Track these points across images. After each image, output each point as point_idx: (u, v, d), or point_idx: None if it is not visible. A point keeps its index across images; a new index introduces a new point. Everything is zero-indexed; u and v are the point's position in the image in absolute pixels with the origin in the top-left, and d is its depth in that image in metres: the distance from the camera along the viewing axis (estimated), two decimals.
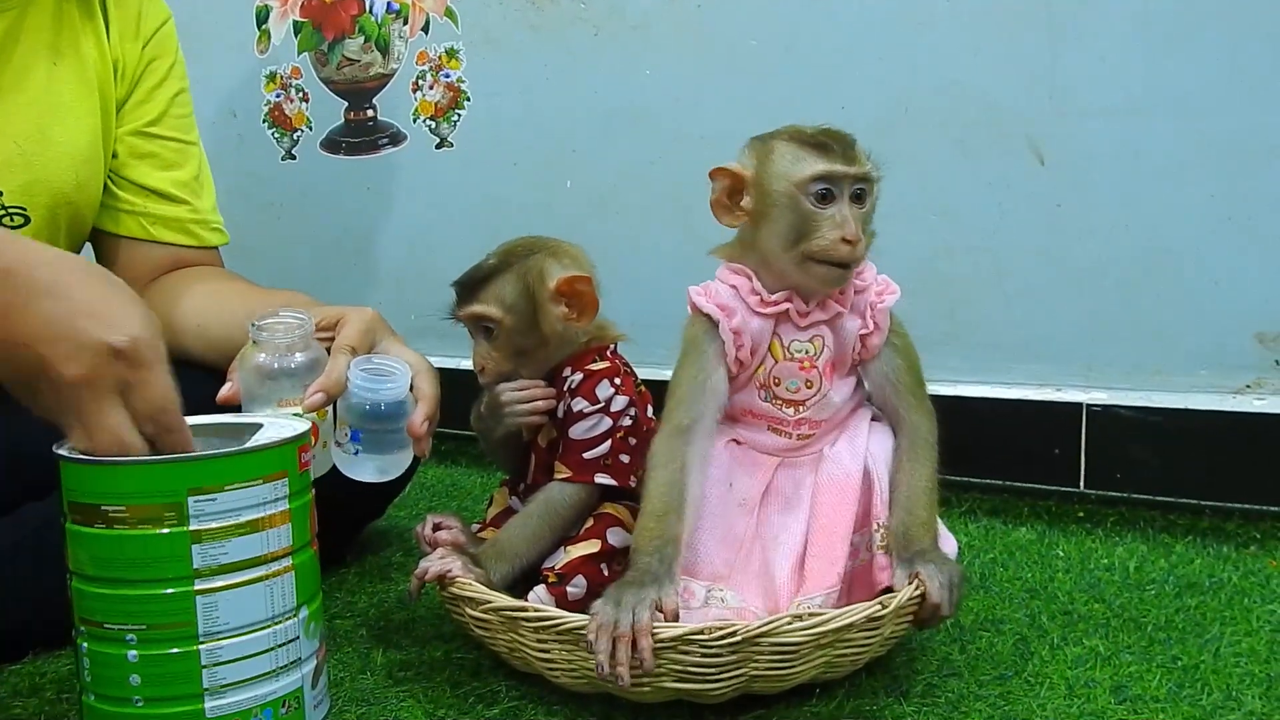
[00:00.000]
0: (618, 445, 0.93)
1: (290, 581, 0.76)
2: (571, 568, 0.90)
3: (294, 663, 0.77)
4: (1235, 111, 1.17)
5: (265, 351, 0.89)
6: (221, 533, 0.72)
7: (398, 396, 0.90)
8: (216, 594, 0.72)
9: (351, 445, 0.89)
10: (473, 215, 1.64)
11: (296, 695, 0.77)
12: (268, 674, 0.75)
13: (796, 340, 0.88)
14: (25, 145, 1.04)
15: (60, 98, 1.07)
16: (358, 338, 0.93)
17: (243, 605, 0.73)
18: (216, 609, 0.72)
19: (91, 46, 1.10)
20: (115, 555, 0.72)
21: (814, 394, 0.89)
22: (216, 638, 0.72)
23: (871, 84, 1.36)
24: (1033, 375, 1.30)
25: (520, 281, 0.92)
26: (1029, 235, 1.28)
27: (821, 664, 0.80)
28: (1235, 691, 0.83)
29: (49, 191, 1.06)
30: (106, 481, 0.72)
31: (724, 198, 0.89)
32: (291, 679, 0.76)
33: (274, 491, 0.75)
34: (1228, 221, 1.19)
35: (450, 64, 1.64)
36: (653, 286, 1.51)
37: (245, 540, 0.73)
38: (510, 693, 0.86)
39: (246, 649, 0.74)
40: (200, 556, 0.72)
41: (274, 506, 0.75)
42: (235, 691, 0.73)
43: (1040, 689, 0.85)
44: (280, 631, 0.75)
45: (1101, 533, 1.23)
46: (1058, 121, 1.25)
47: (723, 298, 0.89)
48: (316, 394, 0.87)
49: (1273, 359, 1.19)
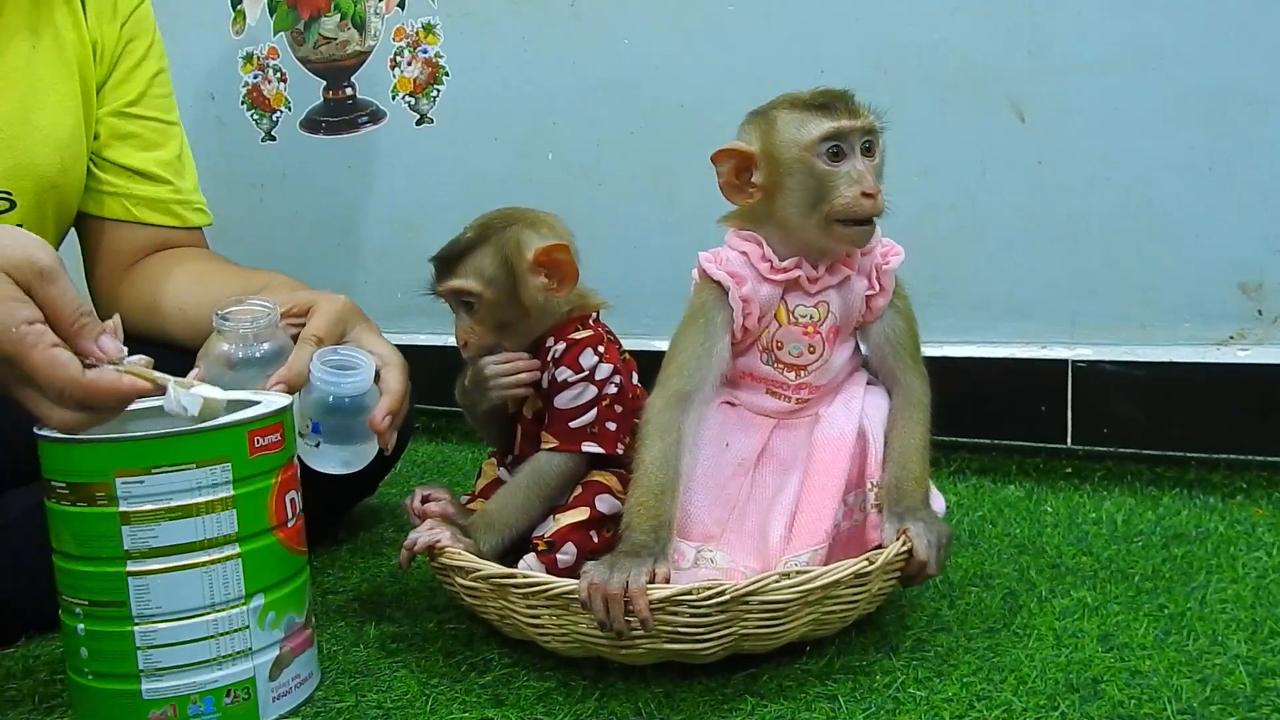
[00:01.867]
0: (603, 413, 0.93)
1: (236, 569, 0.74)
2: (561, 535, 0.90)
3: (242, 652, 0.75)
4: (1212, 62, 1.17)
5: (228, 341, 0.88)
6: (151, 516, 0.71)
7: (360, 389, 0.89)
8: (148, 577, 0.72)
9: (313, 437, 0.89)
10: (455, 190, 1.63)
11: (246, 685, 0.76)
12: (209, 661, 0.74)
13: (802, 305, 0.89)
14: (7, 129, 1.03)
15: (40, 81, 1.06)
16: (326, 327, 0.92)
17: (177, 590, 0.73)
18: (149, 591, 0.72)
19: (70, 29, 1.09)
20: (62, 530, 0.73)
21: (816, 359, 0.89)
22: (150, 620, 0.72)
23: (850, 46, 1.35)
24: (1018, 333, 1.31)
25: (498, 254, 0.92)
26: (1011, 193, 1.28)
27: (810, 621, 0.80)
28: (1221, 636, 0.84)
29: (34, 176, 1.05)
30: (52, 459, 0.73)
31: (733, 178, 0.89)
32: (240, 668, 0.75)
33: (211, 477, 0.73)
34: (1208, 172, 1.19)
35: (428, 39, 1.63)
36: (636, 256, 1.52)
37: (177, 525, 0.72)
38: (502, 660, 0.86)
39: (182, 634, 0.73)
40: (130, 538, 0.71)
41: (212, 492, 0.73)
42: (172, 676, 0.73)
43: (1029, 640, 0.85)
44: (224, 620, 0.74)
45: (1089, 487, 1.24)
46: (1037, 78, 1.25)
47: (733, 265, 0.88)
48: (276, 385, 0.86)
49: (1255, 308, 1.19)
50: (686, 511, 0.87)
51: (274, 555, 0.77)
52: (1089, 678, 0.79)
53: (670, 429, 0.86)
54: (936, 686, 0.79)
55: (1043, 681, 0.78)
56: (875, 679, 0.80)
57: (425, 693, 0.81)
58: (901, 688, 0.79)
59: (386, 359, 0.94)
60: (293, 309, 0.94)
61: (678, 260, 1.35)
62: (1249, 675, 0.78)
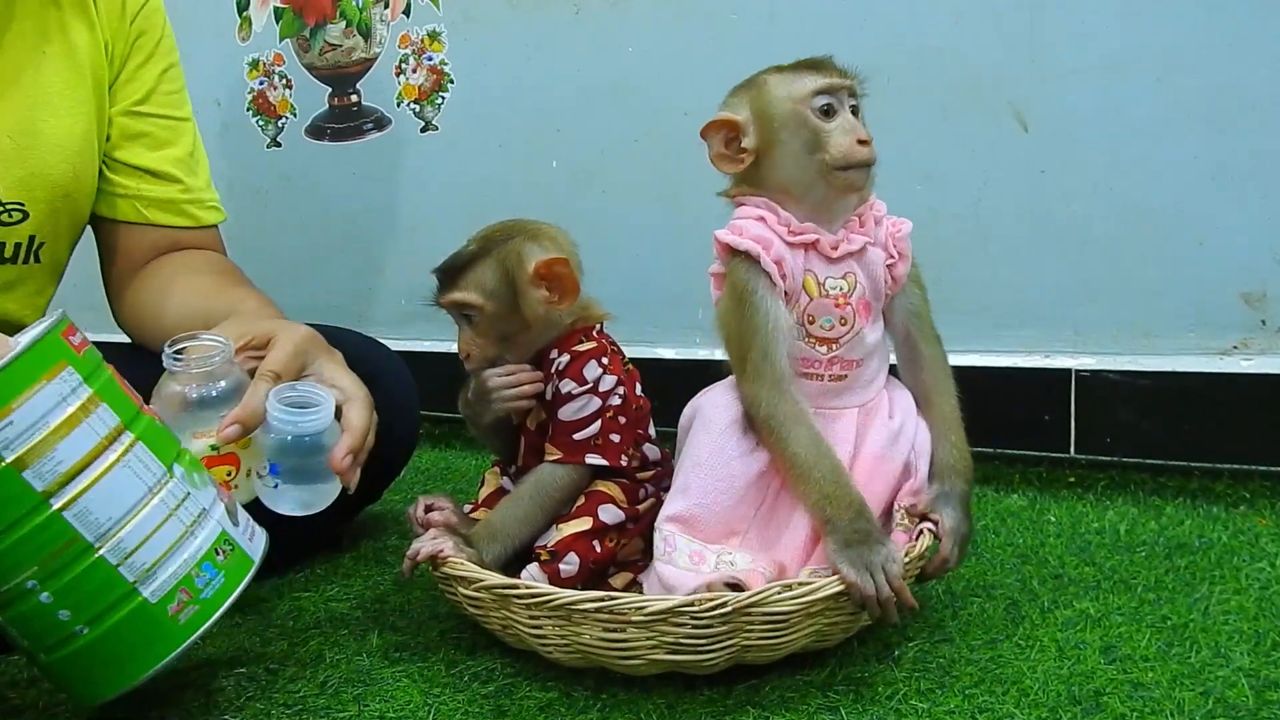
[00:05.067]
0: (607, 425, 0.93)
1: (144, 451, 0.74)
2: (564, 545, 0.90)
3: (201, 514, 0.76)
4: (1215, 70, 1.17)
5: (179, 381, 0.85)
6: (43, 446, 0.69)
7: (318, 428, 0.84)
8: (79, 499, 0.70)
9: (270, 479, 0.85)
10: (460, 197, 1.64)
11: (224, 539, 0.77)
12: (182, 536, 0.74)
13: (831, 277, 0.89)
14: (18, 140, 1.03)
15: (50, 89, 1.06)
16: (283, 362, 0.88)
17: (113, 494, 0.72)
18: (91, 513, 0.71)
19: (82, 30, 1.08)
20: None
21: (847, 331, 0.90)
22: (110, 535, 0.71)
23: (853, 53, 1.33)
24: (1021, 341, 1.31)
25: (500, 267, 0.92)
26: (1013, 200, 1.28)
27: (812, 633, 0.80)
28: (1224, 648, 0.84)
29: (46, 185, 1.05)
30: None
31: (723, 148, 0.90)
32: (209, 528, 0.76)
33: (68, 383, 0.71)
34: (1211, 181, 1.19)
35: (433, 46, 1.63)
36: (641, 263, 1.52)
37: (70, 440, 0.70)
38: (505, 670, 0.86)
39: (146, 528, 0.73)
40: (37, 478, 0.69)
41: (77, 396, 0.72)
42: (162, 567, 0.73)
43: (1031, 651, 0.86)
44: (168, 497, 0.74)
45: (1092, 497, 1.24)
46: (1039, 85, 1.25)
47: (755, 230, 0.88)
48: (231, 426, 0.83)
49: (1258, 318, 1.19)
50: (709, 509, 0.86)
51: (156, 430, 0.77)
52: (1091, 690, 0.79)
53: (803, 413, 0.86)
54: (938, 698, 0.79)
55: (1045, 694, 0.79)
56: (877, 690, 0.80)
57: (428, 702, 0.82)
58: (904, 699, 0.79)
59: (349, 393, 0.89)
60: (251, 341, 0.91)
61: (682, 267, 1.36)
62: (1251, 688, 0.78)
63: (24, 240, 1.06)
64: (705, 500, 0.87)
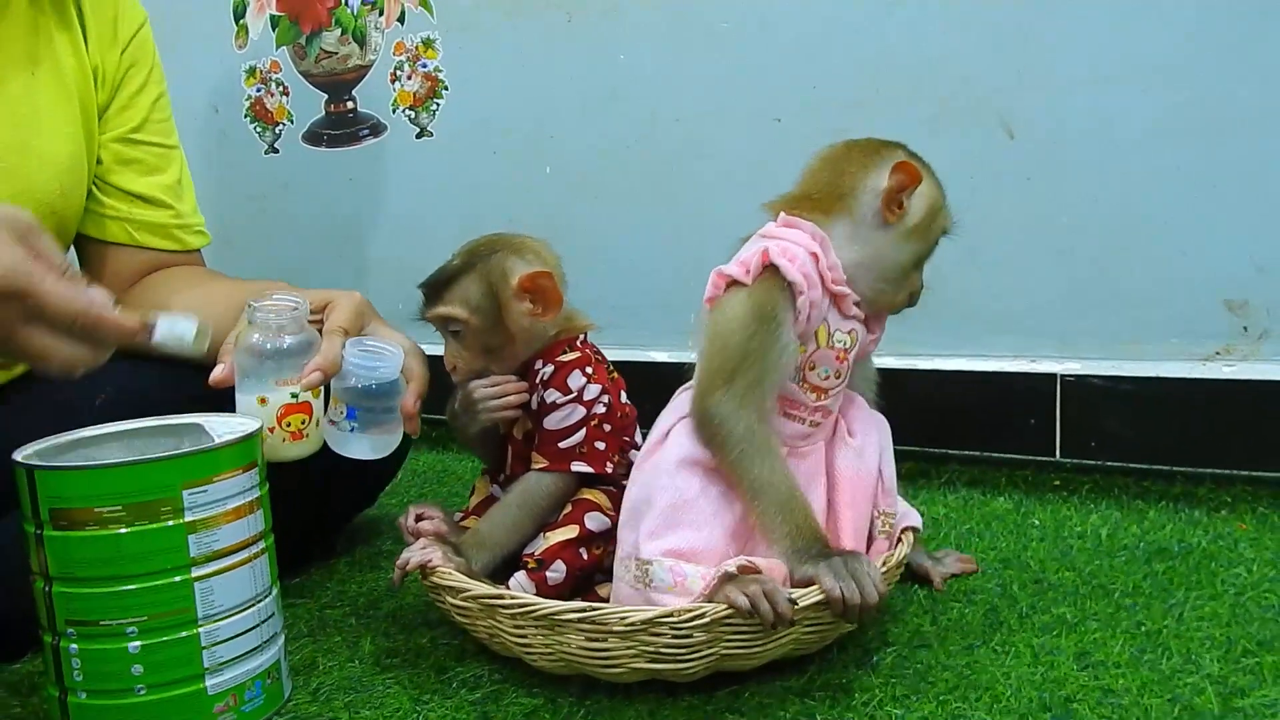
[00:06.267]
0: (592, 433, 0.95)
1: (265, 563, 0.84)
2: (551, 553, 0.92)
3: (273, 637, 0.84)
4: (1201, 82, 1.18)
5: (260, 332, 0.91)
6: (213, 521, 0.78)
7: (392, 375, 0.92)
8: (211, 579, 0.79)
9: (347, 423, 0.91)
10: (455, 203, 1.66)
11: (276, 667, 0.85)
12: (256, 649, 0.82)
13: (839, 331, 0.90)
14: (7, 157, 1.05)
15: (40, 109, 1.08)
16: (349, 320, 0.95)
17: (233, 587, 0.80)
18: (213, 593, 0.79)
19: (69, 55, 1.11)
20: (112, 554, 0.76)
21: (838, 383, 0.91)
22: (214, 619, 0.79)
23: (844, 63, 1.37)
24: (1008, 347, 1.32)
25: (483, 281, 0.94)
26: (1001, 208, 1.29)
27: (790, 642, 0.82)
28: (1195, 655, 0.86)
29: (34, 202, 1.07)
30: (99, 484, 0.76)
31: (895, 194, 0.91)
32: (272, 652, 0.84)
33: (251, 480, 0.82)
34: (1195, 190, 1.20)
35: (427, 54, 1.65)
36: (634, 268, 1.54)
37: (233, 526, 0.80)
38: (492, 676, 0.88)
39: (238, 627, 0.81)
40: (196, 545, 0.78)
41: (251, 494, 0.82)
42: (231, 668, 0.80)
43: (1006, 657, 0.87)
44: (262, 609, 0.83)
45: (1076, 500, 1.25)
46: (1027, 95, 1.27)
47: (806, 266, 0.86)
48: (314, 372, 0.89)
49: (1240, 325, 1.20)
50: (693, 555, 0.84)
51: (273, 553, 0.85)
52: (1062, 696, 0.80)
53: (776, 446, 0.86)
54: (913, 705, 0.81)
55: (1017, 700, 0.80)
56: (854, 697, 0.82)
57: (416, 709, 0.84)
58: (879, 705, 0.81)
59: (407, 348, 0.96)
60: (311, 305, 0.96)
61: (675, 271, 1.37)
62: (1218, 695, 0.79)
63: None
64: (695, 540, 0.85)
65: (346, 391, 0.92)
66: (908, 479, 1.35)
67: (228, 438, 0.81)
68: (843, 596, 0.79)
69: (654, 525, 0.85)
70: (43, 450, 0.81)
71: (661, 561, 0.84)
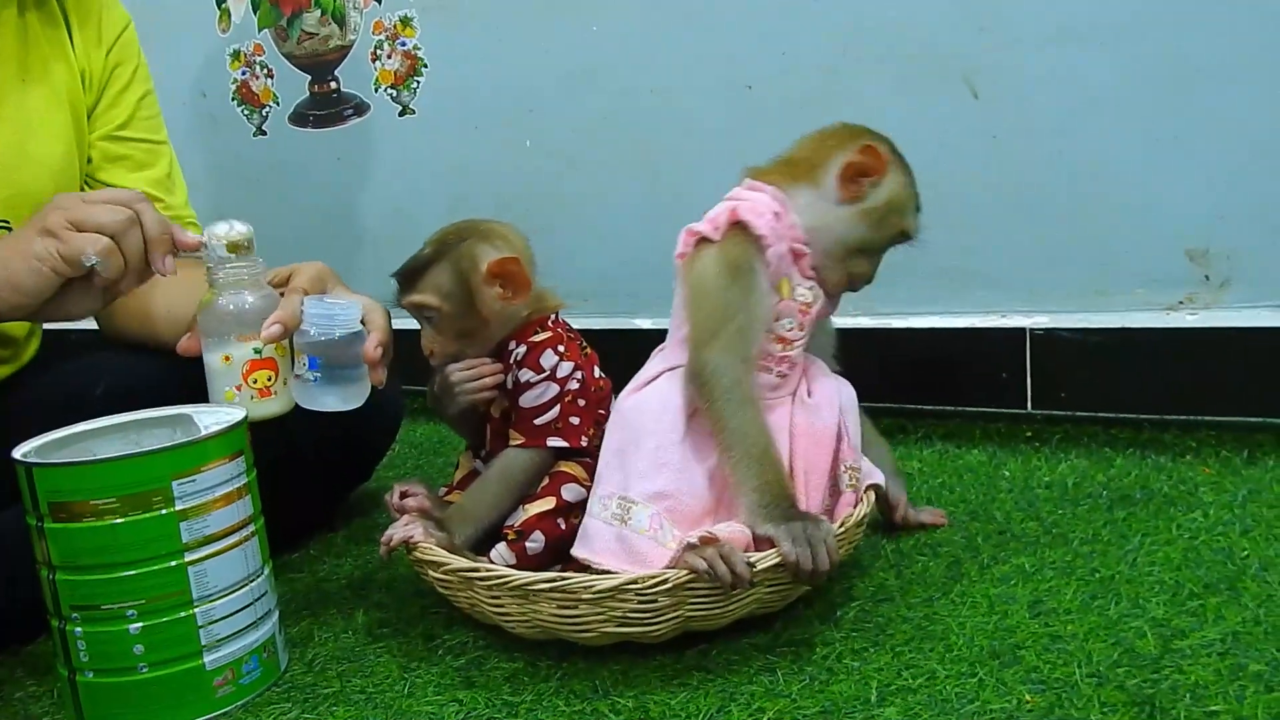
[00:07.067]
0: (566, 409, 0.99)
1: (255, 545, 0.89)
2: (529, 525, 0.97)
3: (266, 614, 0.90)
4: (1160, 36, 1.20)
5: (220, 292, 0.92)
6: (203, 508, 0.84)
7: (351, 325, 0.92)
8: (204, 562, 0.84)
9: (310, 374, 0.92)
10: (440, 179, 1.69)
11: (271, 641, 0.90)
12: (250, 625, 0.88)
13: (800, 287, 0.95)
14: (4, 161, 1.09)
15: (33, 113, 1.12)
16: (308, 282, 0.97)
17: (225, 569, 0.85)
18: (206, 575, 0.84)
19: (57, 59, 1.14)
20: (109, 543, 0.81)
21: (800, 336, 0.96)
22: (208, 600, 0.84)
23: (813, 28, 1.39)
24: (978, 302, 1.35)
25: (454, 269, 0.98)
26: (968, 167, 1.32)
27: (752, 602, 0.87)
28: (1143, 599, 0.90)
29: (31, 204, 1.11)
30: (93, 479, 0.81)
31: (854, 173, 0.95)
32: (266, 628, 0.90)
33: (237, 468, 0.87)
34: (1156, 143, 1.22)
35: (406, 32, 1.67)
36: (617, 239, 1.57)
37: (222, 513, 0.85)
38: (476, 643, 0.94)
39: (232, 606, 0.86)
40: (188, 532, 0.83)
41: (239, 481, 0.87)
42: (228, 644, 0.86)
43: (963, 608, 0.91)
44: (254, 588, 0.88)
45: (1048, 451, 1.29)
46: (991, 54, 1.28)
47: (771, 221, 0.92)
48: (274, 325, 0.90)
49: (1202, 274, 1.23)
50: (678, 497, 0.90)
51: (264, 535, 0.91)
52: (1011, 644, 0.85)
53: (757, 399, 0.91)
54: (870, 657, 0.85)
55: (969, 649, 0.85)
56: (815, 651, 0.87)
57: (404, 676, 0.89)
58: (838, 659, 0.85)
59: (367, 304, 0.98)
60: (274, 278, 0.99)
61: (656, 241, 1.39)
62: (1160, 638, 0.83)
63: None
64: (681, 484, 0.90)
65: (308, 345, 0.92)
66: (886, 434, 1.37)
67: (214, 429, 0.86)
68: (798, 561, 0.84)
69: (644, 467, 0.90)
70: (40, 446, 0.86)
71: (647, 507, 0.88)
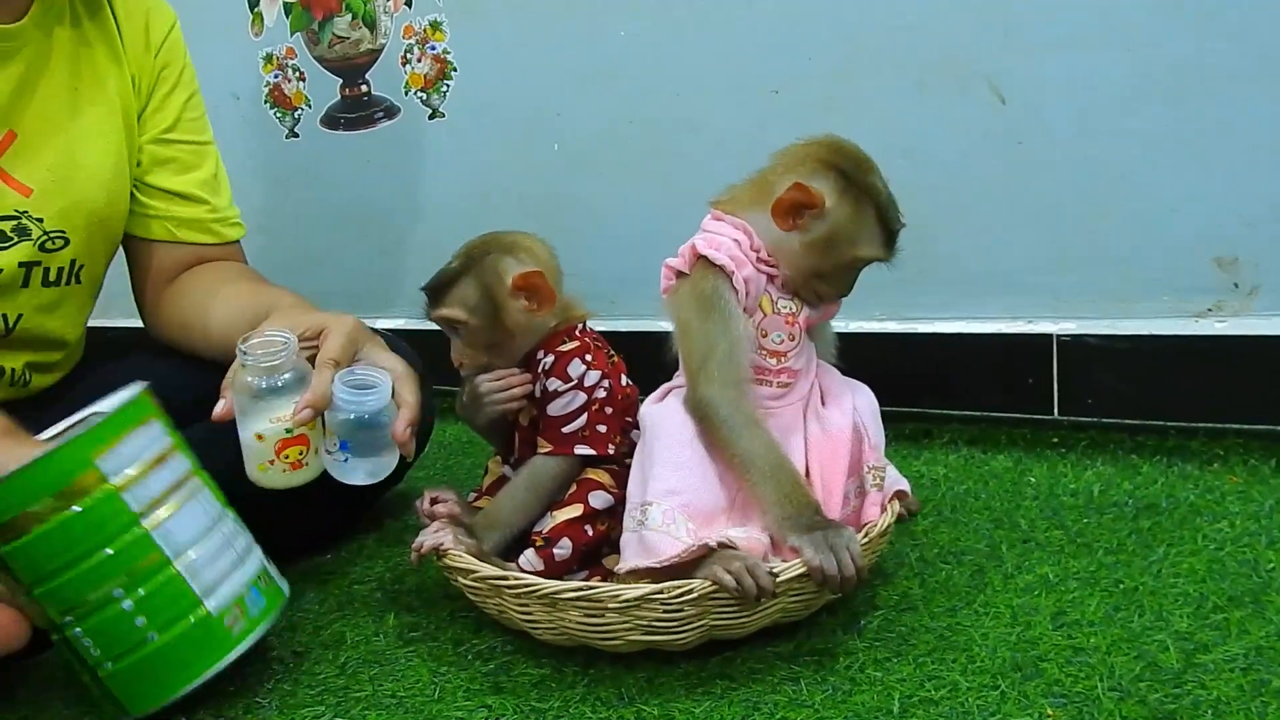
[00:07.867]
0: (594, 417, 1.01)
1: (207, 493, 0.92)
2: (557, 531, 0.98)
3: (247, 547, 0.93)
4: (1185, 40, 1.19)
5: (252, 374, 0.95)
6: (138, 477, 0.85)
7: (380, 406, 0.95)
8: (164, 523, 0.86)
9: (340, 454, 0.96)
10: (468, 182, 1.70)
11: (264, 572, 0.94)
12: (235, 563, 0.91)
13: (783, 299, 0.97)
14: (59, 173, 1.11)
15: (85, 123, 1.14)
16: (339, 350, 0.99)
17: (186, 521, 0.88)
18: (170, 533, 0.86)
19: (110, 64, 1.16)
20: (66, 540, 0.83)
21: (794, 346, 0.97)
22: (183, 554, 0.87)
23: (833, 32, 1.39)
24: (1005, 308, 1.35)
25: (479, 283, 0.99)
26: (991, 172, 1.32)
27: (776, 611, 0.88)
28: (1166, 612, 0.90)
29: (84, 213, 1.14)
30: (18, 490, 0.82)
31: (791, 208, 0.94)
32: (253, 562, 0.93)
33: (154, 431, 0.89)
34: (1183, 149, 1.21)
35: (435, 36, 1.69)
36: (637, 241, 1.57)
37: (157, 474, 0.87)
38: (505, 648, 0.96)
39: (210, 550, 0.89)
40: (134, 501, 0.85)
41: (163, 443, 0.89)
42: (223, 586, 0.89)
43: (986, 618, 0.92)
44: (225, 530, 0.91)
45: (1074, 457, 1.29)
46: (1012, 58, 1.28)
47: (732, 249, 0.95)
48: (304, 410, 0.94)
49: (1231, 281, 1.22)
50: (693, 504, 0.91)
51: (211, 481, 0.94)
52: (1034, 656, 0.85)
53: (758, 419, 0.92)
54: (893, 667, 0.86)
55: (991, 660, 0.85)
56: (838, 660, 0.88)
57: (435, 681, 0.91)
58: (861, 669, 0.86)
59: (398, 373, 1.00)
60: (305, 333, 1.01)
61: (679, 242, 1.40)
62: (1183, 651, 0.84)
63: (66, 264, 1.15)
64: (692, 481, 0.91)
65: (338, 424, 0.95)
66: (911, 439, 1.39)
67: (106, 410, 0.87)
68: (822, 568, 0.85)
69: (659, 470, 0.92)
70: None
71: (660, 504, 0.90)
